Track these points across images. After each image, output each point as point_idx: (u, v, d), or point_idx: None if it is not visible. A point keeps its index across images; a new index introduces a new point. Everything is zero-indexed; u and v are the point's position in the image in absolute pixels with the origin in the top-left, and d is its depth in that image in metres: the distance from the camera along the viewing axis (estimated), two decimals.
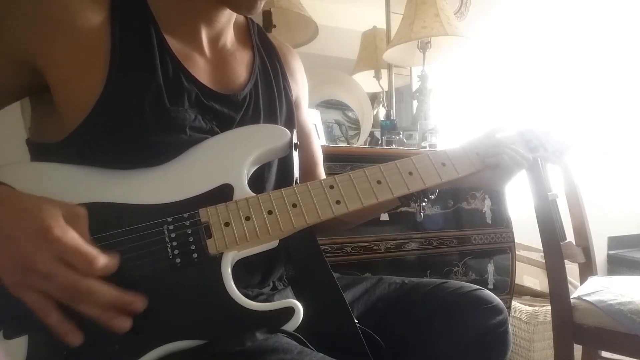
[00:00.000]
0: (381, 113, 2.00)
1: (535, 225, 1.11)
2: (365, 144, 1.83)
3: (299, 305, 0.51)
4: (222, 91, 0.65)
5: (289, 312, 0.50)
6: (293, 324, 0.50)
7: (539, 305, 1.73)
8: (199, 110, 0.61)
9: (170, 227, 0.52)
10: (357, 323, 0.59)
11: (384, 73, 2.02)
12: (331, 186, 0.59)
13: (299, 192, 0.57)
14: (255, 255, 0.56)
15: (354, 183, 0.60)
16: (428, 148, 1.64)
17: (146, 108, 0.56)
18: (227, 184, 0.57)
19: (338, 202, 0.58)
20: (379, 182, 0.61)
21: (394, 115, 1.88)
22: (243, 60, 0.72)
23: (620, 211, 2.59)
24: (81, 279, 0.44)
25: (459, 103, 2.18)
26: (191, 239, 0.52)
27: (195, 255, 0.52)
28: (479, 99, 2.24)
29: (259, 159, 0.61)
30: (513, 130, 0.75)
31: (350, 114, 1.97)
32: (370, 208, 0.76)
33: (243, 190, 0.57)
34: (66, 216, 0.46)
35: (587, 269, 1.29)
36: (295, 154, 0.65)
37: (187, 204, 0.54)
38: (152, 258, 0.51)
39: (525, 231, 1.59)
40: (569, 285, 1.11)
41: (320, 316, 0.57)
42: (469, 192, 1.50)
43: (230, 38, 0.71)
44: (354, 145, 1.84)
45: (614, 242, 2.68)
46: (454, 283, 0.74)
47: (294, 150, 0.64)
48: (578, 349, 1.13)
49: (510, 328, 0.72)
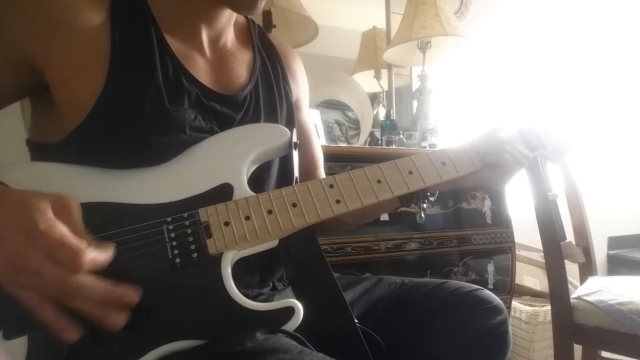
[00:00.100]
0: (381, 113, 2.00)
1: (535, 225, 1.11)
2: (365, 144, 1.83)
3: (299, 305, 0.51)
4: (223, 91, 0.65)
5: (289, 312, 0.50)
6: (293, 324, 0.50)
7: (539, 305, 1.73)
8: (199, 110, 0.61)
9: (170, 227, 0.52)
10: (357, 323, 0.59)
11: (384, 73, 2.02)
12: (331, 185, 0.59)
13: (298, 192, 0.57)
14: (255, 255, 0.56)
15: (353, 182, 0.60)
16: (428, 148, 1.64)
17: (146, 108, 0.56)
18: (227, 183, 0.57)
19: (338, 202, 0.58)
20: (379, 182, 0.61)
21: (394, 115, 1.88)
22: (244, 60, 0.72)
23: (620, 211, 2.59)
24: (68, 274, 0.42)
25: (459, 103, 2.18)
26: (191, 239, 0.52)
27: (195, 255, 0.51)
28: (479, 99, 2.24)
29: (258, 158, 0.61)
30: (513, 130, 0.75)
31: (350, 114, 1.97)
32: (370, 209, 0.76)
33: (243, 189, 0.57)
34: (55, 208, 0.44)
35: (587, 269, 1.29)
36: (295, 153, 0.65)
37: (187, 204, 0.54)
38: (152, 258, 0.50)
39: (525, 231, 1.59)
40: (569, 285, 1.11)
41: (321, 316, 0.57)
42: (469, 192, 1.50)
43: (230, 38, 0.71)
44: (354, 145, 1.84)
45: (614, 242, 2.68)
46: (454, 283, 0.74)
47: (294, 150, 0.64)
48: (578, 349, 1.13)
49: (510, 328, 0.72)
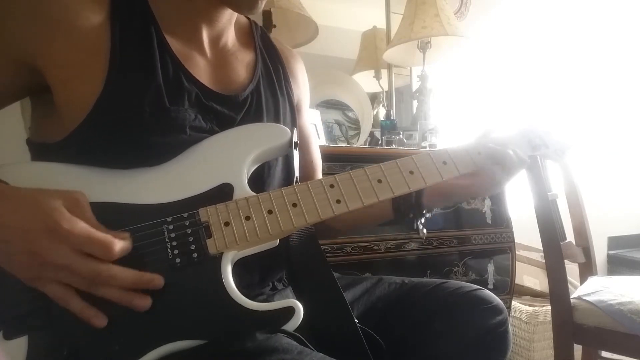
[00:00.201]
0: (381, 113, 2.00)
1: (535, 225, 1.11)
2: (365, 144, 1.83)
3: (299, 305, 0.51)
4: (223, 92, 0.65)
5: (289, 312, 0.50)
6: (293, 324, 0.50)
7: (539, 305, 1.73)
8: (199, 110, 0.61)
9: (170, 227, 0.52)
10: (358, 323, 0.59)
11: (384, 73, 2.02)
12: (331, 185, 0.59)
13: (299, 192, 0.57)
14: (255, 255, 0.56)
15: (354, 182, 0.59)
16: (428, 148, 1.64)
17: (146, 108, 0.56)
18: (227, 183, 0.57)
19: (338, 202, 0.58)
20: (380, 181, 0.61)
21: (394, 115, 1.88)
22: (245, 61, 0.72)
23: (620, 211, 2.59)
24: (100, 265, 0.45)
25: (459, 103, 2.18)
26: (191, 239, 0.52)
27: (195, 255, 0.51)
28: (479, 99, 2.24)
29: (259, 158, 0.61)
30: (514, 130, 0.75)
31: (350, 114, 1.97)
32: (364, 219, 0.78)
33: (243, 189, 0.57)
34: (67, 205, 0.46)
35: (587, 269, 1.29)
36: (296, 153, 0.65)
37: (187, 204, 0.54)
38: (152, 258, 0.51)
39: (525, 231, 1.59)
40: (569, 285, 1.11)
41: (321, 316, 0.57)
42: None
43: (231, 38, 0.71)
44: (354, 145, 1.84)
45: (614, 242, 2.68)
46: (454, 283, 0.74)
47: (295, 149, 0.64)
48: (578, 349, 1.13)
49: (510, 328, 0.72)
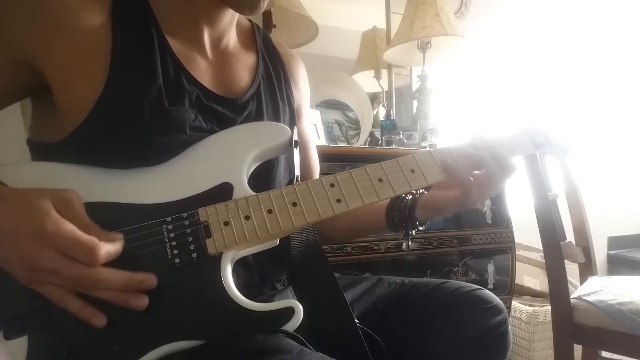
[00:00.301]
0: (381, 113, 2.00)
1: (535, 225, 1.11)
2: (365, 144, 1.84)
3: (299, 305, 0.50)
4: (223, 93, 0.65)
5: (289, 313, 0.50)
6: (293, 324, 0.50)
7: (539, 305, 1.73)
8: (199, 111, 0.61)
9: (169, 227, 0.52)
10: (358, 323, 0.59)
11: (384, 73, 2.02)
12: (332, 184, 0.58)
13: (299, 191, 0.57)
14: (255, 255, 0.56)
15: (355, 181, 0.59)
16: (428, 148, 1.64)
17: (146, 108, 0.56)
18: (227, 182, 0.57)
19: (339, 201, 0.57)
20: (381, 180, 0.60)
21: (394, 115, 1.88)
22: (246, 63, 0.72)
23: (620, 211, 2.59)
24: (86, 269, 0.44)
25: (459, 103, 2.18)
26: (190, 239, 0.52)
27: (194, 255, 0.51)
28: (479, 99, 2.24)
29: (259, 157, 0.61)
30: (517, 128, 0.75)
31: (350, 114, 1.97)
32: (359, 228, 0.79)
33: (243, 189, 0.57)
34: (57, 205, 0.45)
35: (587, 269, 1.29)
36: (296, 152, 0.65)
37: (186, 204, 0.54)
38: (151, 258, 0.50)
39: (525, 231, 1.59)
40: (569, 285, 1.11)
41: (321, 316, 0.57)
42: None
43: (232, 40, 0.71)
44: (354, 145, 1.84)
45: (614, 242, 2.68)
46: (454, 283, 0.74)
47: (295, 148, 0.64)
48: (578, 349, 1.13)
49: (510, 328, 0.72)
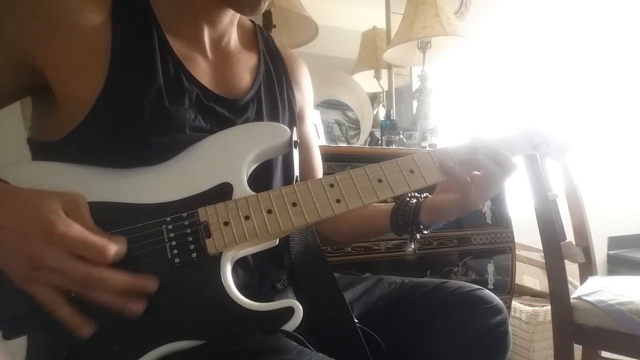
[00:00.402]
0: (381, 113, 2.00)
1: (535, 225, 1.11)
2: (365, 144, 1.84)
3: (299, 305, 0.50)
4: (224, 94, 0.65)
5: (288, 312, 0.50)
6: (293, 324, 0.50)
7: (539, 305, 1.73)
8: (199, 111, 0.61)
9: (169, 227, 0.52)
10: (357, 323, 0.59)
11: (384, 73, 2.02)
12: (331, 185, 0.58)
13: (298, 191, 0.57)
14: (255, 255, 0.56)
15: (354, 182, 0.59)
16: (428, 148, 1.64)
17: (146, 108, 0.56)
18: (227, 182, 0.57)
19: (338, 201, 0.58)
20: (380, 181, 0.60)
21: (394, 115, 1.88)
22: (247, 64, 0.72)
23: (620, 211, 2.59)
24: (93, 269, 0.45)
25: (459, 103, 2.18)
26: (190, 239, 0.52)
27: (194, 255, 0.51)
28: (479, 99, 2.24)
29: (258, 157, 0.61)
30: (515, 129, 0.75)
31: (350, 114, 1.97)
32: (363, 231, 0.80)
33: (242, 189, 0.57)
34: (66, 207, 0.46)
35: (587, 269, 1.29)
36: (296, 152, 0.65)
37: (186, 203, 0.54)
38: (151, 258, 0.50)
39: (525, 231, 1.59)
40: (569, 285, 1.11)
41: (320, 316, 0.57)
42: None
43: (233, 40, 0.71)
44: (354, 145, 1.84)
45: (614, 242, 2.68)
46: (454, 283, 0.74)
47: (294, 148, 0.64)
48: (578, 349, 1.13)
49: (510, 328, 0.72)
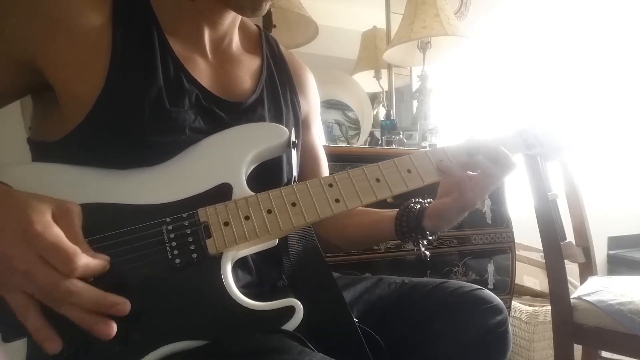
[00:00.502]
0: (381, 113, 2.00)
1: (535, 225, 1.11)
2: (365, 144, 1.83)
3: (300, 304, 0.51)
4: (224, 95, 0.65)
5: (289, 312, 0.50)
6: (293, 323, 0.50)
7: (539, 305, 1.73)
8: (198, 112, 0.61)
9: (169, 227, 0.52)
10: (357, 323, 0.59)
11: (384, 73, 2.02)
12: (330, 185, 0.59)
13: (298, 191, 0.57)
14: (253, 255, 0.56)
15: (353, 181, 0.59)
16: (428, 148, 1.64)
17: (146, 109, 0.56)
18: (226, 183, 0.57)
19: (337, 201, 0.58)
20: (378, 180, 0.61)
21: (394, 115, 1.88)
22: (249, 67, 0.71)
23: (620, 211, 2.59)
24: (60, 278, 0.41)
25: (459, 103, 2.18)
26: (190, 239, 0.52)
27: (194, 255, 0.51)
28: (479, 99, 2.24)
29: (257, 158, 0.61)
30: (510, 130, 0.75)
31: (350, 114, 1.97)
32: (369, 238, 0.81)
33: (242, 189, 0.57)
34: (56, 212, 0.44)
35: (587, 269, 1.29)
36: (294, 152, 0.65)
37: (186, 204, 0.54)
38: (152, 259, 0.50)
39: (525, 231, 1.59)
40: (569, 285, 1.11)
41: (319, 316, 0.57)
42: None
43: (235, 42, 0.71)
44: (354, 145, 1.84)
45: (614, 242, 2.68)
46: (454, 283, 0.74)
47: (293, 149, 0.64)
48: (578, 349, 1.13)
49: (510, 328, 0.72)
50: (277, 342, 0.48)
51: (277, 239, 0.58)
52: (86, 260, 0.43)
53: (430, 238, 0.70)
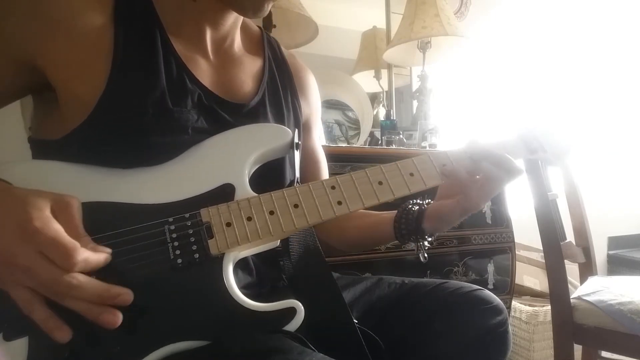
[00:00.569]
0: (381, 113, 2.00)
1: (535, 225, 1.11)
2: (365, 144, 1.84)
3: (301, 305, 0.51)
4: (225, 96, 0.65)
5: (290, 312, 0.50)
6: (294, 324, 0.50)
7: (539, 305, 1.74)
8: (200, 112, 0.61)
9: (172, 227, 0.52)
10: (357, 323, 0.59)
11: (384, 73, 2.02)
12: (333, 187, 0.59)
13: (300, 192, 0.57)
14: (255, 255, 0.56)
15: (355, 184, 0.60)
16: (428, 148, 1.64)
17: (149, 109, 0.56)
18: (229, 183, 0.57)
19: (340, 203, 0.58)
20: (381, 183, 0.61)
21: (394, 115, 1.88)
22: (251, 69, 0.71)
23: (620, 211, 2.59)
24: (61, 273, 0.42)
25: (459, 103, 2.19)
26: (192, 239, 0.52)
27: (196, 255, 0.52)
28: (479, 99, 2.24)
29: (260, 158, 0.61)
30: (512, 134, 0.75)
31: (350, 114, 1.97)
32: (369, 241, 0.80)
33: (244, 189, 0.57)
34: (55, 207, 0.45)
35: (587, 269, 1.29)
36: (297, 154, 0.65)
37: (189, 204, 0.54)
38: (154, 258, 0.51)
39: (525, 231, 1.59)
40: (569, 285, 1.11)
41: (319, 316, 0.57)
42: None
43: (237, 43, 0.71)
44: (354, 145, 1.84)
45: (614, 242, 2.69)
46: (454, 283, 0.74)
47: (296, 150, 0.64)
48: (578, 349, 1.13)
49: (510, 328, 0.72)
50: (278, 343, 0.48)
51: (279, 240, 0.58)
52: (86, 255, 0.43)
53: (429, 239, 0.70)
